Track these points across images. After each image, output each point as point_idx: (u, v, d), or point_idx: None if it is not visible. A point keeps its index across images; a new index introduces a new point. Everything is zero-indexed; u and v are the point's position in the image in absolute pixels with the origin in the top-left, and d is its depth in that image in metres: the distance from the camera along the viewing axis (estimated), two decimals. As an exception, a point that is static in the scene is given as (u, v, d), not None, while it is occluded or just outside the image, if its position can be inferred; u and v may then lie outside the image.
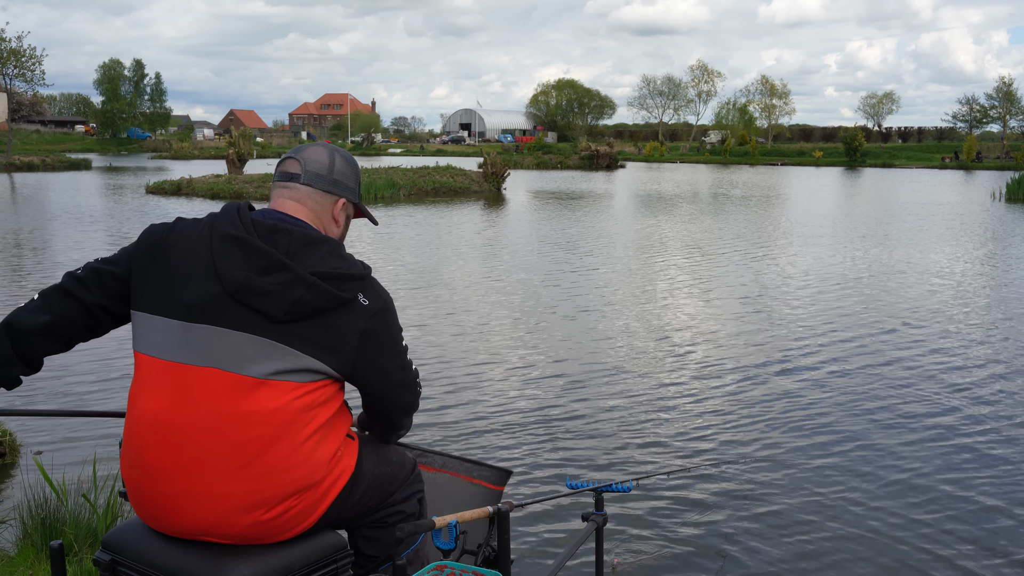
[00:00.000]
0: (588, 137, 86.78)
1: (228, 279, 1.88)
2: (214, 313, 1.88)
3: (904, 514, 4.69)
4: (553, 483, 5.06)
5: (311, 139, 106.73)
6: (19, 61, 52.55)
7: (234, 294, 1.87)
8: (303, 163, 2.09)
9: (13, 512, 4.31)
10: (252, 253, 1.90)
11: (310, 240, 1.95)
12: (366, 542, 2.20)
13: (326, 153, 2.12)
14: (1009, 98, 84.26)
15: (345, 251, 2.02)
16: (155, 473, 1.91)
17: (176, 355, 1.89)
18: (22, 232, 17.85)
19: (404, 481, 2.25)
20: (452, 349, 8.31)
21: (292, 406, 1.88)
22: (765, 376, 7.45)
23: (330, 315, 1.92)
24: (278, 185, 2.10)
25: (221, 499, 1.87)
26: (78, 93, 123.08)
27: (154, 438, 1.90)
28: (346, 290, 1.93)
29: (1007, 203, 28.92)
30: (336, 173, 2.11)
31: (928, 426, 6.12)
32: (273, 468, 1.88)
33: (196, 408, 1.87)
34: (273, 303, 1.87)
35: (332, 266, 1.93)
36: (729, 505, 4.81)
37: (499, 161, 34.45)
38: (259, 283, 1.87)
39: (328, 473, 1.98)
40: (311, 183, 2.07)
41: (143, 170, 47.21)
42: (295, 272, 1.88)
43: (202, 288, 1.89)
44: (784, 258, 15.14)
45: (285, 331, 1.88)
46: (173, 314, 1.91)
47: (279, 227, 1.94)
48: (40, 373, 2.20)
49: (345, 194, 2.13)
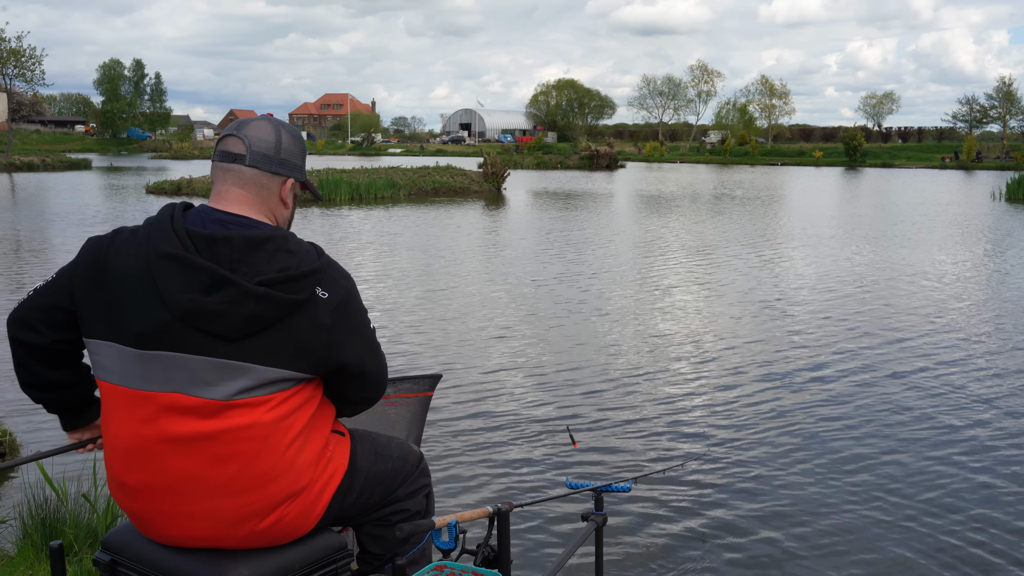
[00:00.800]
0: (588, 137, 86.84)
1: (172, 304, 1.76)
2: (167, 339, 1.78)
3: (905, 513, 4.69)
4: (553, 483, 5.06)
5: (311, 139, 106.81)
6: (19, 61, 52.56)
7: (182, 319, 1.76)
8: (248, 142, 1.92)
9: (13, 512, 4.31)
10: (192, 272, 1.76)
11: (253, 243, 1.81)
12: (371, 540, 2.18)
13: (271, 130, 1.96)
14: (1009, 98, 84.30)
15: (293, 242, 1.88)
16: (138, 495, 1.88)
17: (138, 383, 1.82)
18: (22, 233, 17.84)
19: (408, 476, 2.20)
20: (452, 349, 8.31)
21: (266, 419, 1.81)
22: (765, 376, 7.45)
23: (290, 320, 1.80)
24: (220, 167, 1.93)
25: (209, 516, 1.85)
26: (78, 93, 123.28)
27: (130, 462, 1.86)
28: (301, 290, 1.81)
29: (1007, 203, 28.93)
30: (283, 152, 1.96)
31: (929, 425, 6.12)
32: (257, 482, 1.83)
33: (167, 432, 1.81)
34: (224, 324, 1.76)
35: (281, 267, 1.81)
36: (729, 504, 4.81)
37: (499, 161, 34.45)
38: (205, 305, 1.75)
39: (319, 475, 1.93)
40: (257, 164, 1.92)
41: (143, 170, 47.20)
42: (241, 286, 1.76)
43: (149, 314, 1.78)
44: (784, 258, 15.14)
45: (245, 348, 1.78)
46: (126, 341, 1.81)
47: (217, 236, 1.80)
48: None
49: (293, 173, 1.99)
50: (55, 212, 22.53)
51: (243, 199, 1.92)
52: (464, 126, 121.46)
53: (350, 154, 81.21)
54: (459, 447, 5.66)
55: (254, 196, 1.93)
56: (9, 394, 6.74)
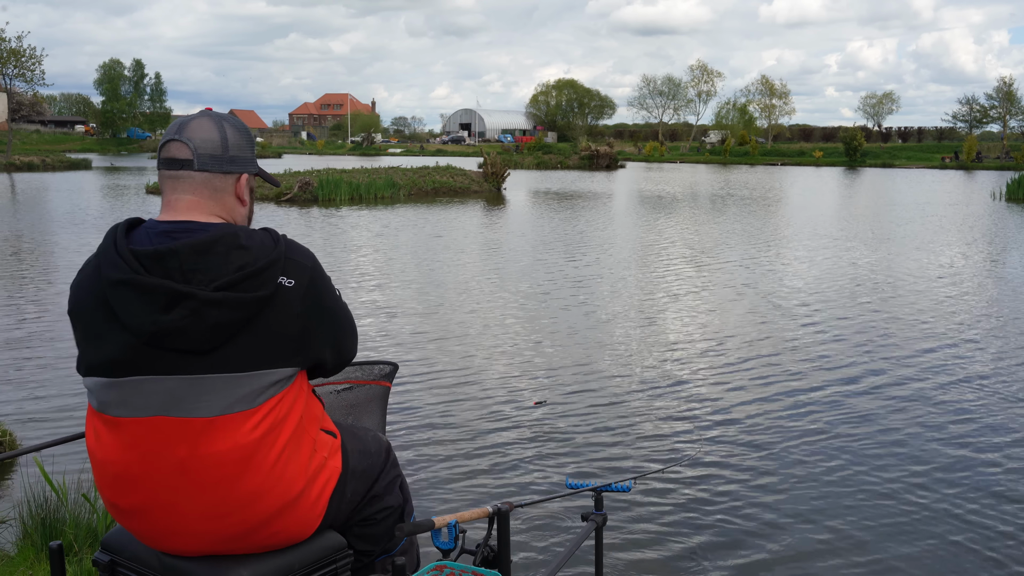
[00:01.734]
0: (588, 137, 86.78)
1: (135, 329, 1.71)
2: (138, 363, 1.74)
3: (907, 513, 4.69)
4: (553, 483, 5.06)
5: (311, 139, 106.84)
6: (19, 61, 52.55)
7: (148, 342, 1.72)
8: (192, 146, 1.84)
9: (13, 512, 4.31)
10: (146, 293, 1.70)
11: (200, 248, 1.73)
12: (357, 539, 2.17)
13: (214, 128, 1.87)
14: (1009, 98, 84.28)
15: (245, 236, 1.79)
16: (131, 515, 1.87)
17: (119, 411, 1.79)
18: (22, 234, 17.84)
19: (382, 470, 2.20)
20: (452, 349, 8.31)
21: (250, 438, 1.77)
22: (766, 375, 7.45)
23: (260, 318, 1.75)
24: (167, 176, 1.86)
25: (204, 535, 1.84)
26: (78, 93, 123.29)
27: (120, 487, 1.84)
28: (263, 284, 1.74)
29: (1007, 203, 28.93)
30: (232, 148, 1.88)
31: (931, 425, 6.12)
32: (247, 499, 1.81)
33: (153, 458, 1.78)
34: (190, 338, 1.71)
35: (238, 266, 1.74)
36: (729, 504, 4.81)
37: (499, 161, 34.44)
38: (166, 324, 1.69)
39: (313, 480, 1.91)
40: (206, 167, 1.84)
41: (143, 170, 47.19)
42: (198, 297, 1.69)
43: (115, 341, 1.75)
44: (785, 259, 15.14)
45: (216, 360, 1.73)
46: (100, 372, 1.78)
47: (162, 251, 1.73)
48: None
49: (246, 168, 1.92)
50: (55, 213, 22.53)
51: (195, 205, 1.85)
52: (464, 126, 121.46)
53: (350, 154, 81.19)
54: (459, 447, 5.67)
55: (207, 200, 1.86)
56: (9, 394, 6.74)
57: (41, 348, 8.20)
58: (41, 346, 8.28)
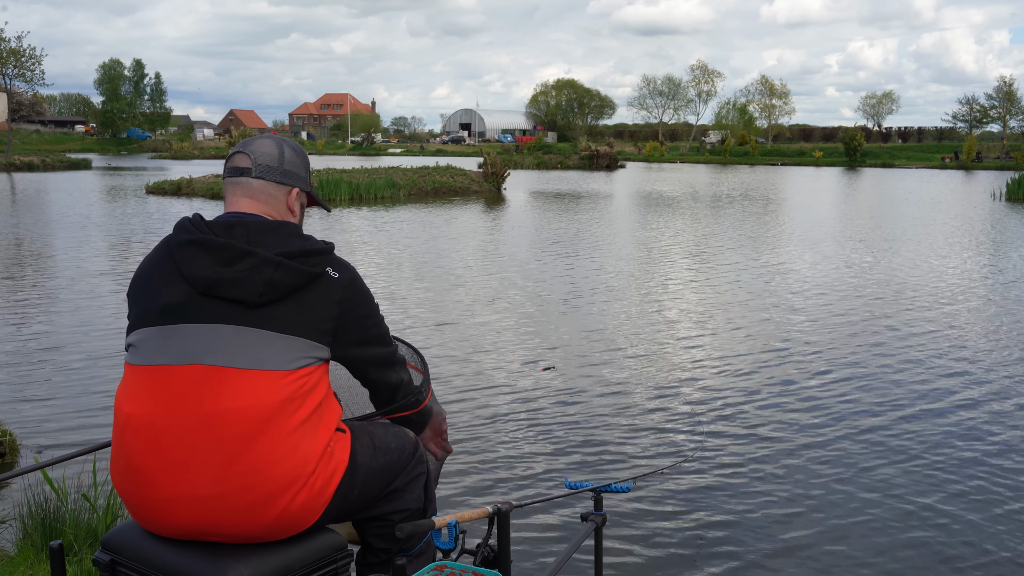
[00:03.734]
0: (588, 137, 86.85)
1: (196, 279, 1.90)
2: (189, 311, 1.91)
3: (906, 513, 4.69)
4: (552, 483, 5.06)
5: (311, 139, 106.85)
6: (19, 61, 52.57)
7: (205, 291, 1.90)
8: (253, 157, 2.10)
9: (13, 512, 4.31)
10: (213, 250, 1.91)
11: (268, 227, 1.98)
12: (375, 537, 2.20)
13: (274, 145, 2.14)
14: (1009, 98, 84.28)
15: (304, 233, 2.05)
16: (144, 478, 1.89)
17: (156, 358, 1.91)
18: (23, 235, 17.84)
19: (405, 467, 2.21)
20: (452, 349, 8.31)
21: (275, 397, 1.87)
22: (765, 376, 7.45)
23: (304, 291, 1.94)
24: (229, 182, 2.10)
25: (212, 501, 1.86)
26: (78, 93, 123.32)
27: (140, 443, 1.89)
28: (314, 265, 1.96)
29: (1007, 203, 28.94)
30: (287, 164, 2.13)
31: (932, 426, 6.12)
32: (260, 462, 1.86)
33: (178, 409, 1.87)
34: (245, 288, 1.89)
35: (296, 246, 1.96)
36: (729, 504, 4.82)
37: (499, 161, 34.46)
38: (226, 274, 1.89)
39: (322, 468, 1.94)
40: (263, 176, 2.08)
41: (143, 170, 47.22)
42: (260, 255, 1.90)
43: (173, 291, 1.93)
44: (785, 259, 15.14)
45: (263, 315, 1.90)
46: (151, 322, 1.94)
47: (234, 222, 1.97)
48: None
49: (298, 184, 2.14)
50: (55, 213, 22.54)
51: (253, 207, 2.07)
52: (464, 126, 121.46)
53: (350, 154, 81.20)
54: (459, 447, 5.66)
55: (263, 204, 2.08)
56: (9, 394, 6.74)
57: (44, 351, 8.20)
58: (44, 348, 8.28)
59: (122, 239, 16.71)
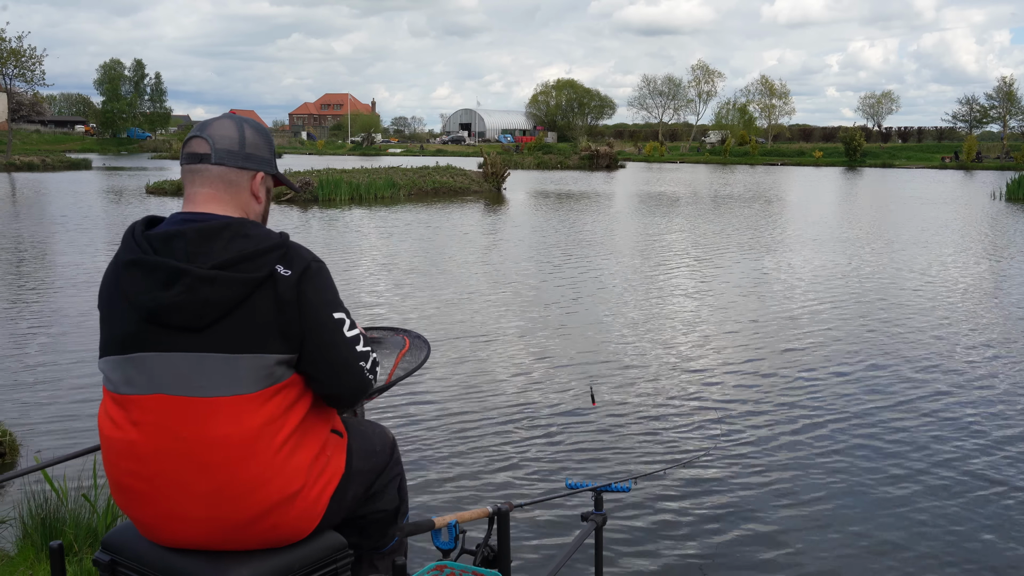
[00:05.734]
0: (588, 137, 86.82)
1: (138, 305, 1.80)
2: (142, 340, 1.81)
3: (906, 514, 4.69)
4: (553, 483, 5.06)
5: (311, 139, 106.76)
6: (19, 61, 52.54)
7: (149, 319, 1.79)
8: (211, 141, 1.93)
9: (13, 512, 4.31)
10: (150, 271, 1.79)
11: (207, 234, 1.81)
12: (348, 534, 2.16)
13: (234, 126, 1.96)
14: (1009, 98, 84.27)
15: (252, 227, 1.86)
16: (135, 497, 1.88)
17: (127, 388, 1.85)
18: (23, 236, 17.84)
19: (385, 467, 2.20)
20: (452, 349, 8.31)
21: (252, 421, 1.80)
22: (765, 376, 7.45)
23: (251, 301, 1.79)
24: (187, 170, 1.94)
25: (204, 522, 1.84)
26: (78, 93, 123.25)
27: (126, 465, 1.87)
28: (259, 268, 1.79)
29: (1007, 203, 28.94)
30: (248, 146, 1.96)
31: (934, 427, 6.12)
32: (247, 487, 1.82)
33: (157, 437, 1.82)
34: (185, 315, 1.77)
35: (237, 250, 1.80)
36: (729, 504, 4.82)
37: (499, 161, 34.46)
38: (165, 299, 1.77)
39: (314, 479, 1.91)
40: (223, 161, 1.92)
41: (143, 170, 47.20)
42: (193, 273, 1.76)
43: (124, 319, 1.83)
44: (786, 260, 15.14)
45: (213, 337, 1.78)
46: (114, 350, 1.86)
47: (172, 233, 1.82)
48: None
49: (262, 167, 1.98)
50: (55, 214, 22.53)
51: (212, 198, 1.92)
52: (464, 126, 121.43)
53: (350, 154, 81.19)
54: (459, 447, 5.67)
55: (223, 193, 1.93)
56: (9, 394, 6.74)
57: (44, 351, 8.20)
58: (44, 349, 8.28)
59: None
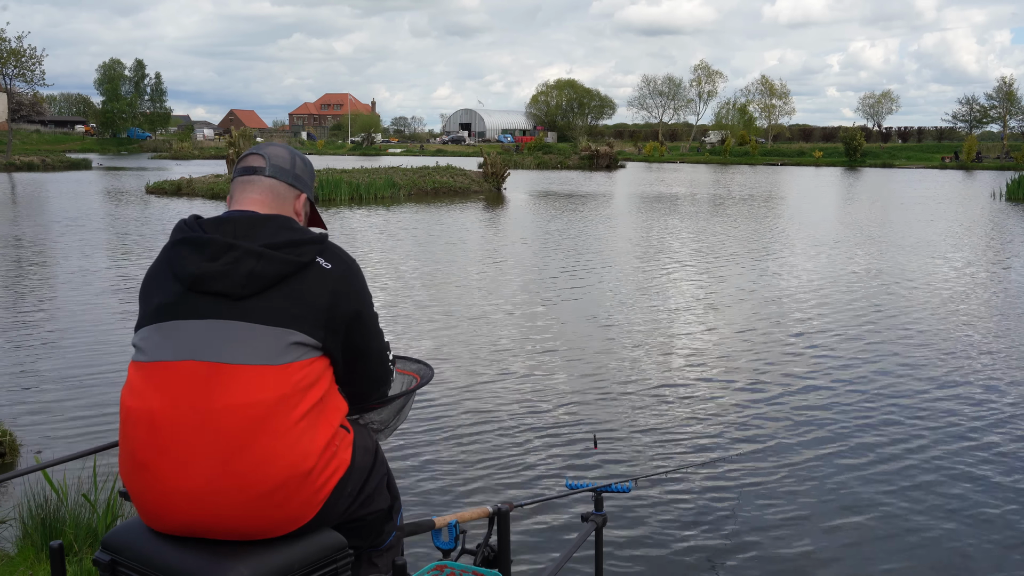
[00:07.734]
0: (588, 137, 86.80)
1: (184, 275, 1.93)
2: (180, 308, 1.93)
3: (905, 515, 4.69)
4: (553, 483, 5.06)
5: (311, 139, 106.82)
6: (19, 61, 52.55)
7: (192, 287, 1.92)
8: (267, 158, 2.13)
9: (13, 512, 4.31)
10: (200, 246, 1.94)
11: (256, 222, 1.98)
12: (346, 535, 2.17)
13: (286, 151, 2.19)
14: (1009, 98, 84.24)
15: (296, 224, 2.03)
16: (147, 471, 1.91)
17: (155, 355, 1.93)
18: (23, 236, 17.84)
19: (374, 466, 2.22)
20: (452, 350, 8.31)
21: (271, 393, 1.87)
22: (765, 377, 7.45)
23: (291, 281, 1.93)
24: (240, 181, 2.12)
25: (211, 496, 1.86)
26: (78, 93, 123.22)
27: (142, 436, 1.91)
28: (302, 254, 1.95)
29: (1007, 203, 28.95)
30: (297, 168, 2.17)
31: (933, 428, 6.12)
32: (257, 459, 1.86)
33: (178, 404, 1.88)
34: (228, 281, 1.90)
35: (284, 237, 1.96)
36: (728, 505, 4.82)
37: (499, 161, 34.47)
38: (210, 268, 1.91)
39: (323, 465, 1.94)
40: (275, 175, 2.11)
41: (143, 170, 47.21)
42: (242, 247, 1.91)
43: (166, 290, 1.96)
44: (787, 262, 15.14)
45: (249, 307, 1.90)
46: (149, 321, 1.98)
47: (224, 218, 1.99)
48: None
49: (306, 190, 2.19)
50: (55, 214, 22.53)
51: (260, 203, 2.08)
52: (464, 126, 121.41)
53: (350, 154, 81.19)
54: (459, 447, 5.67)
55: (271, 201, 2.09)
56: (9, 395, 6.74)
57: (44, 352, 8.20)
58: (44, 349, 8.28)
59: (122, 239, 16.71)
